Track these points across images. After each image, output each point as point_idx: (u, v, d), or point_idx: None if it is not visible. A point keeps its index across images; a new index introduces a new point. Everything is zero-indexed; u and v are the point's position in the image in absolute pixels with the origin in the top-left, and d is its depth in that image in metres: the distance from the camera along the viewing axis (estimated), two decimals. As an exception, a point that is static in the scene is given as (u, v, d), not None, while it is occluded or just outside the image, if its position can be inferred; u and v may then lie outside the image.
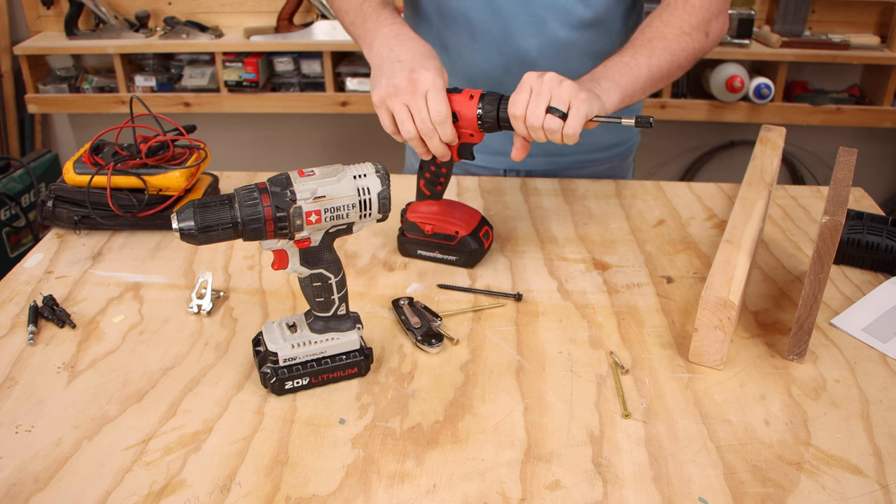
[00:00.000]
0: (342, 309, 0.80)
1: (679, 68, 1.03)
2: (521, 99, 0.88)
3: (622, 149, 1.34)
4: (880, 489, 0.69)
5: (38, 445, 0.73)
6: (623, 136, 1.34)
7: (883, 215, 1.07)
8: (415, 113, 0.90)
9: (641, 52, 0.99)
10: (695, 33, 1.03)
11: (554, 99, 0.87)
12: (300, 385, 0.80)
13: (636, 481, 0.69)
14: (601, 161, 1.33)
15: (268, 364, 0.79)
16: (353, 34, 1.07)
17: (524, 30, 1.13)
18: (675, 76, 1.04)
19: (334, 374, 0.81)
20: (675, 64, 1.02)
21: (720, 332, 0.81)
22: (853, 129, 2.62)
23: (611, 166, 1.35)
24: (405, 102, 0.90)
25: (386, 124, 0.93)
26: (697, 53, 1.05)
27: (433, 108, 0.89)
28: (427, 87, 0.89)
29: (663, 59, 1.00)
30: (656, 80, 1.00)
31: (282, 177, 0.72)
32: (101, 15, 2.37)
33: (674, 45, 1.01)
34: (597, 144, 1.30)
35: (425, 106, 0.89)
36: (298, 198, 0.71)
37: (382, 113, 0.93)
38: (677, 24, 1.03)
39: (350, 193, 0.73)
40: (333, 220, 0.74)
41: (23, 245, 2.19)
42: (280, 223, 0.72)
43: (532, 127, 0.88)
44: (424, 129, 0.90)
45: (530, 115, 0.87)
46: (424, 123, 0.90)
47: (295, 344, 0.79)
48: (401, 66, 0.91)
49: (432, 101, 0.89)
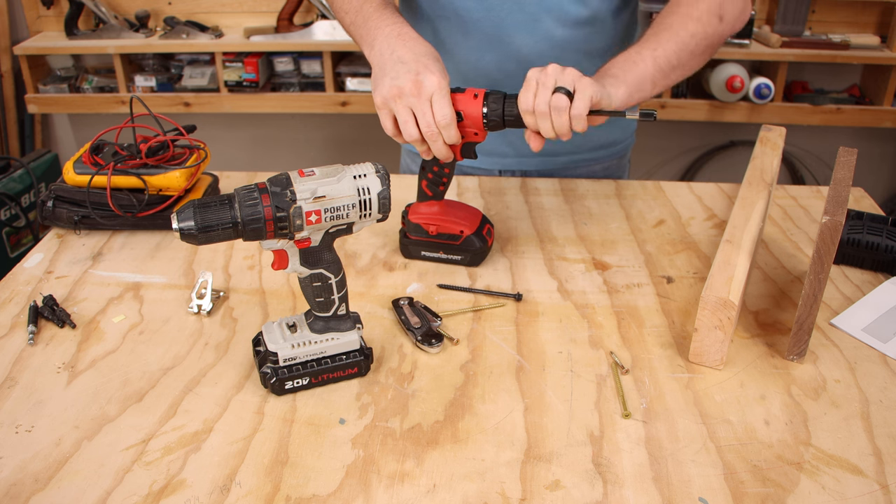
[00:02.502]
0: (342, 309, 0.80)
1: (693, 56, 1.00)
2: (528, 94, 0.88)
3: (618, 148, 1.34)
4: (880, 489, 0.69)
5: (38, 445, 0.73)
6: (618, 136, 1.34)
7: (883, 215, 1.07)
8: (419, 116, 0.89)
9: (647, 46, 0.97)
10: (705, 17, 1.00)
11: (559, 83, 0.87)
12: (300, 385, 0.80)
13: (636, 481, 0.69)
14: (597, 160, 1.33)
15: (268, 364, 0.79)
16: (353, 34, 1.06)
17: (518, 28, 1.13)
18: (691, 65, 1.01)
19: (334, 374, 0.81)
20: (685, 52, 0.99)
21: (720, 332, 0.81)
22: (853, 129, 2.62)
23: (607, 166, 1.34)
24: (409, 105, 0.90)
25: (387, 126, 0.93)
26: (712, 39, 1.01)
27: (438, 112, 0.89)
28: (432, 90, 0.89)
29: (669, 49, 0.97)
30: (666, 71, 0.98)
31: (282, 177, 0.72)
32: (101, 15, 2.37)
33: (681, 32, 0.99)
34: (592, 143, 1.30)
35: (430, 109, 0.89)
36: (298, 198, 0.71)
37: (384, 115, 0.92)
38: (685, 10, 1.00)
39: (350, 193, 0.73)
40: (333, 220, 0.74)
41: (23, 245, 2.19)
42: (280, 223, 0.72)
43: (541, 113, 0.88)
44: (429, 132, 0.90)
45: (539, 103, 0.87)
46: (429, 127, 0.89)
47: (295, 344, 0.79)
48: (404, 68, 0.90)
49: (437, 104, 0.89)
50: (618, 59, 0.97)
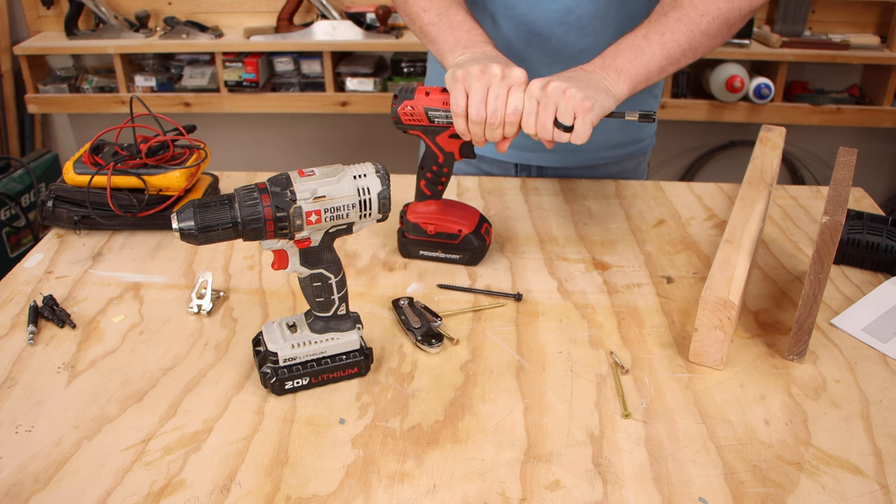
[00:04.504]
0: (342, 309, 0.80)
1: (706, 37, 0.94)
2: (530, 118, 0.88)
3: (635, 148, 1.31)
4: (880, 489, 0.69)
5: (38, 445, 0.73)
6: (636, 135, 1.30)
7: (883, 215, 1.07)
8: (492, 97, 0.88)
9: (654, 29, 0.93)
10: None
11: (560, 111, 0.86)
12: (300, 385, 0.80)
13: (636, 481, 0.69)
14: (614, 160, 1.30)
15: (268, 364, 0.79)
16: (429, 33, 1.03)
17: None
18: (705, 47, 0.95)
19: (334, 374, 0.81)
20: (696, 35, 0.93)
21: (720, 332, 0.81)
22: (853, 129, 2.62)
23: (623, 169, 1.32)
24: (488, 85, 0.88)
25: (458, 101, 0.90)
26: (728, 16, 0.94)
27: (511, 102, 0.88)
28: (516, 80, 0.89)
29: (679, 32, 0.93)
30: (677, 56, 0.94)
31: (282, 177, 0.72)
32: (101, 15, 2.37)
33: (691, 12, 0.93)
34: (608, 143, 1.27)
35: (506, 95, 0.89)
36: (298, 198, 0.71)
37: (458, 90, 0.90)
38: None
39: (350, 193, 0.73)
40: (333, 220, 0.74)
41: (23, 245, 2.19)
42: (280, 223, 0.72)
43: (543, 139, 0.89)
44: (494, 117, 0.89)
45: (540, 130, 0.88)
46: (497, 112, 0.89)
47: (295, 344, 0.79)
48: (495, 61, 0.91)
49: (514, 94, 0.88)
50: (626, 46, 0.93)
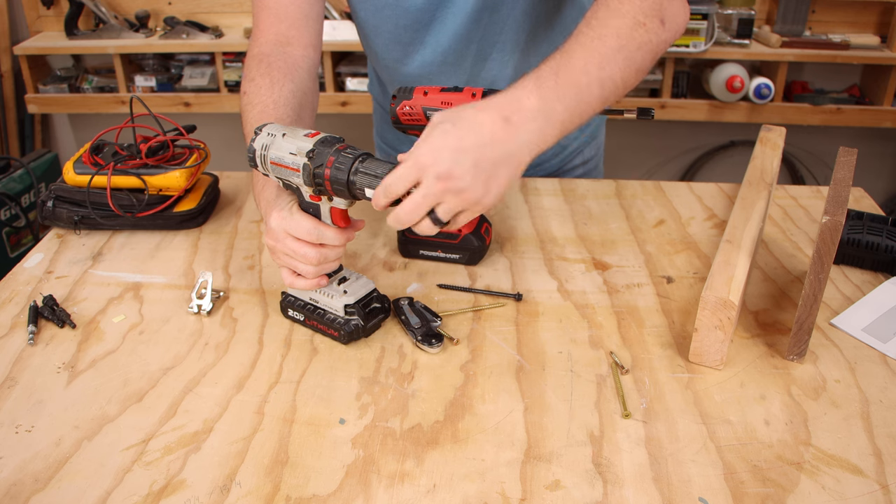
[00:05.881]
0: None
1: (637, 73, 0.83)
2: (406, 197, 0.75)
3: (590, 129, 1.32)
4: (880, 489, 0.69)
5: (38, 445, 0.73)
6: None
7: (883, 215, 1.07)
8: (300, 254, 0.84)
9: (592, 61, 0.79)
10: (650, 22, 0.82)
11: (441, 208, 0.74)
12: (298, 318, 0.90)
13: (636, 481, 0.69)
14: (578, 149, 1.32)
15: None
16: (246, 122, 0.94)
17: None
18: (632, 85, 0.83)
19: (321, 325, 0.88)
20: (631, 69, 0.81)
21: (720, 332, 0.81)
22: (853, 129, 2.62)
23: (588, 157, 1.34)
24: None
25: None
26: (656, 49, 0.84)
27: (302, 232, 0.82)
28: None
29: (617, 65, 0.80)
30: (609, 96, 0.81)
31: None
32: (101, 15, 2.37)
33: (629, 44, 0.81)
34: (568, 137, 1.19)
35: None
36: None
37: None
38: (630, 11, 0.81)
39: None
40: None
41: (23, 245, 2.19)
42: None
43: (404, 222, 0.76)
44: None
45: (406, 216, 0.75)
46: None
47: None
48: None
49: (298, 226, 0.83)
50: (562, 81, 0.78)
